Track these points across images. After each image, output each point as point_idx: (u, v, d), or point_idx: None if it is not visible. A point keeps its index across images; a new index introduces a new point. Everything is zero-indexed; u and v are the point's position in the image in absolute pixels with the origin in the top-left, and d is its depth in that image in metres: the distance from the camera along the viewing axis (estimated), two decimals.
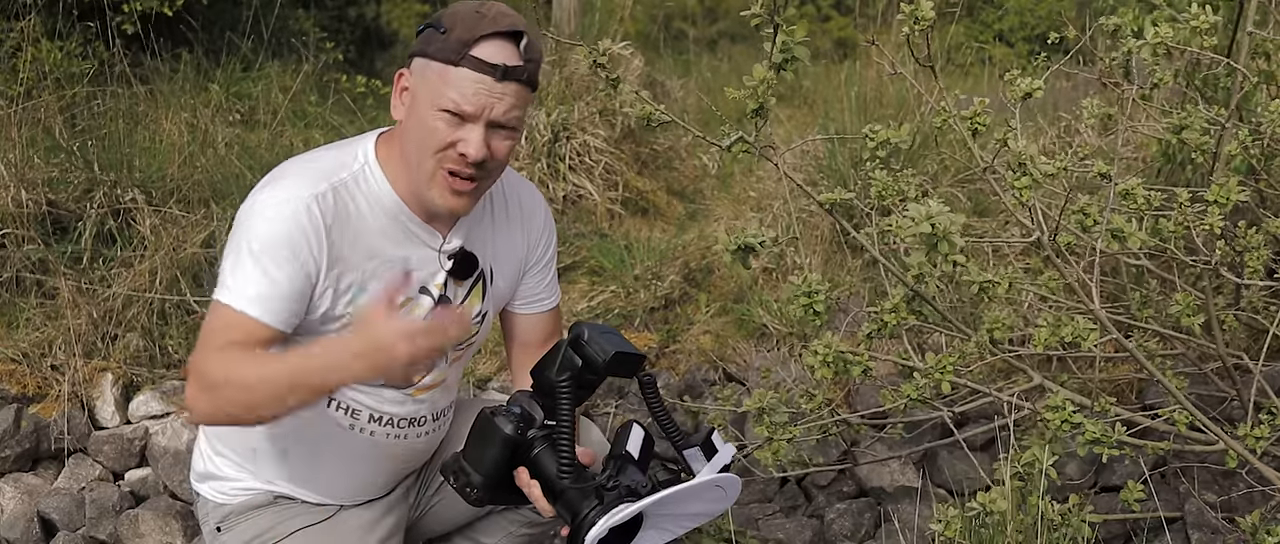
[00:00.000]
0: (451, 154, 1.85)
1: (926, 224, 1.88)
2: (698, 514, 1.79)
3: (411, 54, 1.91)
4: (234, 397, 1.78)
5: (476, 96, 1.82)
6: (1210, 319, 2.50)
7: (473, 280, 2.02)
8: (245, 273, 1.82)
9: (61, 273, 3.37)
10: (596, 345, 1.77)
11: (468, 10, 1.85)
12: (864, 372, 2.35)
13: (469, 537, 2.36)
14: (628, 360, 1.79)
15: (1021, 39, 6.65)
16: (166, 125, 4.05)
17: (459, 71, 1.82)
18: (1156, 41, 2.25)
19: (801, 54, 2.19)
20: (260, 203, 1.85)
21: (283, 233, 1.82)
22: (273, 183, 1.89)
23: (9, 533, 2.95)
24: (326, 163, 1.91)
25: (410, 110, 1.87)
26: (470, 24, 1.83)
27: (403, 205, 1.92)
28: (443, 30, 1.83)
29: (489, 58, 1.82)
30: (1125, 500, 2.50)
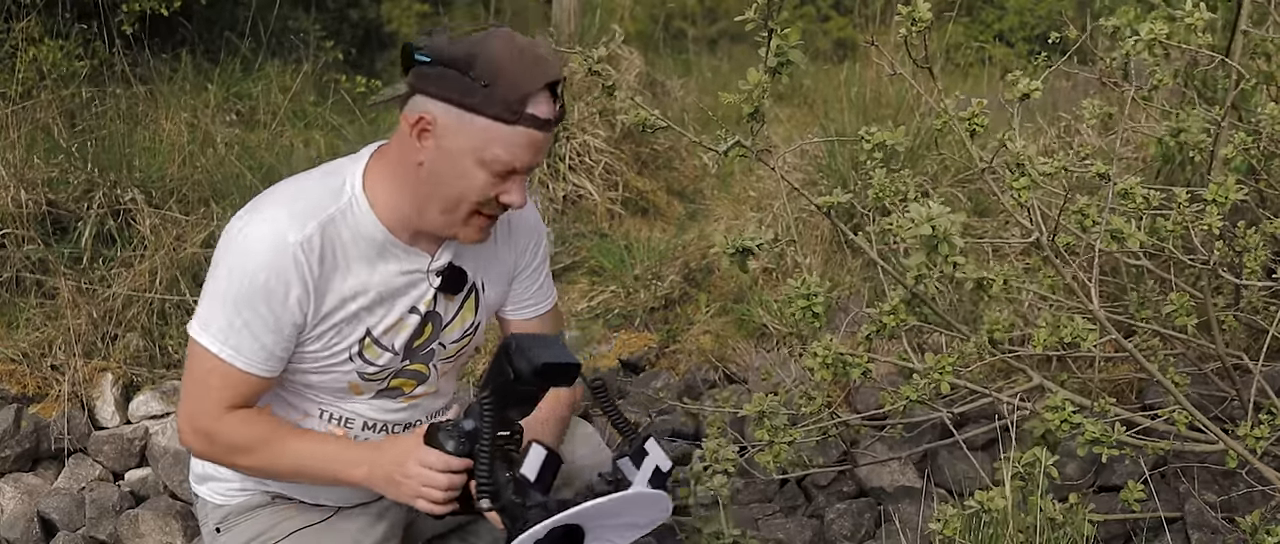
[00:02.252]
0: (492, 203, 1.83)
1: (927, 225, 1.88)
2: (639, 524, 1.78)
3: (430, 94, 1.79)
4: (236, 460, 1.91)
5: (529, 153, 1.79)
6: (1209, 319, 2.50)
7: (464, 294, 2.01)
8: (231, 322, 1.83)
9: (61, 273, 3.38)
10: (522, 357, 1.72)
11: (506, 56, 1.75)
12: (864, 373, 2.35)
13: (464, 538, 2.36)
14: (558, 370, 1.75)
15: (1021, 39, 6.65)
16: (166, 125, 4.05)
17: (514, 131, 1.76)
18: (1151, 38, 2.25)
19: (796, 58, 2.19)
20: (246, 245, 1.81)
21: (269, 285, 1.80)
22: (259, 216, 1.84)
23: (9, 533, 2.95)
24: (314, 196, 1.86)
25: (438, 157, 1.80)
26: (517, 76, 1.75)
27: (390, 235, 1.89)
28: (484, 82, 1.73)
29: (543, 114, 1.77)
30: (1125, 500, 2.50)
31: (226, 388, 1.86)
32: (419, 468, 1.79)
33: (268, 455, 1.89)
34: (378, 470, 1.84)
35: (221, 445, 1.90)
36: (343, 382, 1.98)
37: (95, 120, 3.97)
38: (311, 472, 1.91)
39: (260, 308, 1.81)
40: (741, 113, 2.30)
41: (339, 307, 1.88)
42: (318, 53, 5.15)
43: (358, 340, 1.93)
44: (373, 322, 1.93)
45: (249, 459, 1.91)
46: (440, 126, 1.78)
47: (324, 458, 1.88)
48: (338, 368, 1.95)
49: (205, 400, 1.88)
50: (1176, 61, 3.22)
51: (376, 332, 1.94)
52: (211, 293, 1.85)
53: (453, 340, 2.04)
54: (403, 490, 1.82)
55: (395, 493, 1.83)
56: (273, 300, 1.82)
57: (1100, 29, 2.52)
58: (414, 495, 1.81)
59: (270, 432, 1.89)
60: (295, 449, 1.89)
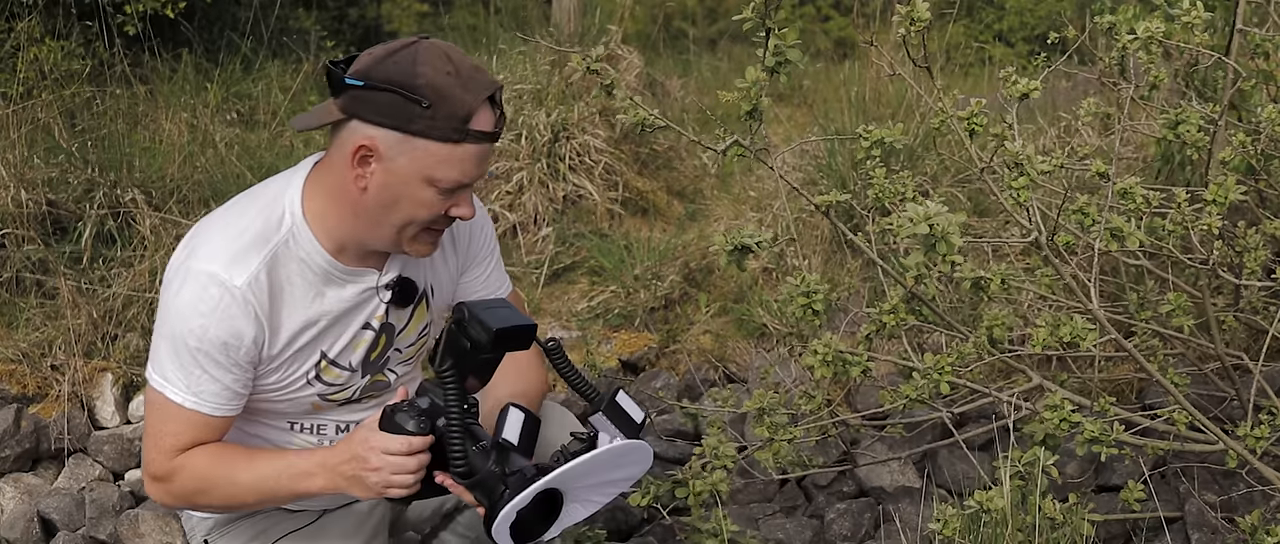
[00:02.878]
0: (442, 219, 1.83)
1: (924, 224, 1.88)
2: (618, 480, 1.75)
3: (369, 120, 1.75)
4: (199, 502, 1.91)
5: (476, 167, 1.79)
6: (1209, 319, 2.50)
7: (414, 303, 2.00)
8: (186, 370, 1.81)
9: (61, 273, 3.38)
10: (477, 325, 1.70)
11: (443, 76, 1.73)
12: (863, 372, 2.35)
13: (457, 532, 2.36)
14: (515, 334, 1.72)
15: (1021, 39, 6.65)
16: (166, 125, 4.05)
17: (461, 150, 1.75)
18: (1147, 36, 2.25)
19: (794, 57, 2.19)
20: (194, 300, 1.78)
21: (221, 333, 1.79)
22: (201, 264, 1.80)
23: (9, 533, 2.95)
24: (254, 230, 1.82)
25: (384, 181, 1.77)
26: (458, 95, 1.73)
27: (333, 261, 1.86)
28: (425, 104, 1.71)
29: (486, 127, 1.77)
30: (1125, 500, 2.50)
31: (190, 432, 1.85)
32: (384, 457, 1.74)
33: (225, 492, 1.86)
34: (335, 474, 1.80)
35: (180, 492, 1.88)
36: (305, 403, 1.97)
37: (95, 120, 3.97)
38: (272, 495, 1.88)
39: (217, 357, 1.80)
40: (740, 112, 2.30)
41: (293, 338, 1.87)
42: (318, 53, 5.15)
43: (314, 365, 1.92)
44: (327, 345, 1.91)
45: (210, 499, 1.88)
46: (383, 152, 1.75)
47: (275, 479, 1.85)
48: (298, 393, 1.94)
49: (163, 447, 1.86)
50: (1176, 62, 3.22)
51: (332, 353, 1.92)
52: (166, 346, 1.82)
53: (408, 345, 2.03)
54: (370, 485, 1.77)
55: (361, 490, 1.79)
56: (229, 350, 1.81)
57: (1098, 28, 2.52)
58: (385, 486, 1.76)
59: (220, 469, 1.86)
60: (247, 480, 1.85)
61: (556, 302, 3.80)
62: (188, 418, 1.83)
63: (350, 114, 1.76)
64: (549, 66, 4.36)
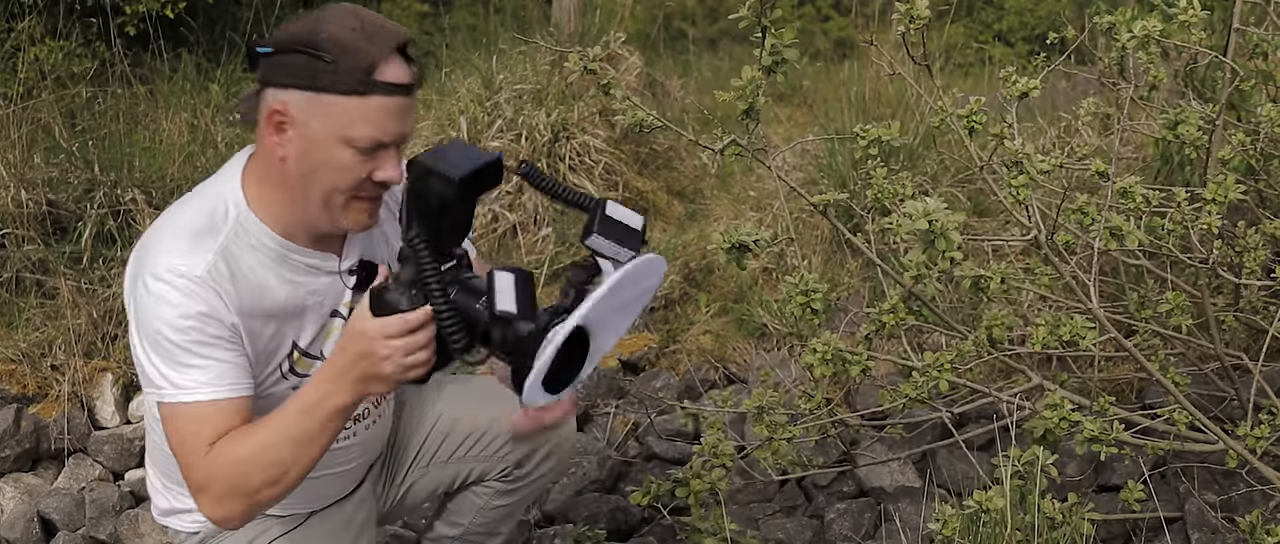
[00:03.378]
0: (367, 184, 1.76)
1: (924, 220, 1.88)
2: (639, 296, 1.62)
3: (278, 84, 1.73)
4: (250, 489, 1.73)
5: (392, 123, 1.72)
6: (1208, 319, 2.50)
7: None
8: (180, 365, 1.73)
9: (61, 273, 3.38)
10: (440, 176, 1.55)
11: (343, 30, 1.69)
12: (863, 371, 2.35)
13: (449, 521, 2.35)
14: (483, 174, 1.58)
15: (1021, 39, 6.65)
16: (166, 125, 4.06)
17: (370, 102, 1.69)
18: (1145, 34, 2.25)
19: (791, 56, 2.19)
20: (156, 292, 1.73)
21: (197, 311, 1.72)
22: (156, 271, 1.74)
23: (9, 533, 2.95)
24: (200, 222, 1.78)
25: (301, 146, 1.73)
26: (360, 47, 1.68)
27: (287, 243, 1.82)
28: (329, 59, 1.67)
29: (395, 78, 1.70)
30: (1125, 500, 2.50)
31: (210, 426, 1.75)
32: (389, 343, 1.63)
33: (266, 463, 1.73)
34: (350, 380, 1.68)
35: (225, 489, 1.73)
36: (281, 400, 1.88)
37: (95, 120, 3.97)
38: (307, 436, 1.72)
39: (202, 337, 1.74)
40: (737, 111, 2.30)
41: (261, 328, 1.82)
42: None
43: (286, 356, 1.88)
44: (297, 334, 1.87)
45: (255, 480, 1.73)
46: (295, 115, 1.72)
47: (300, 417, 1.72)
48: (274, 389, 1.89)
49: (193, 451, 1.75)
50: (1175, 62, 3.22)
51: (303, 343, 1.89)
52: (150, 356, 1.75)
53: None
54: (387, 376, 1.65)
55: (383, 386, 1.68)
56: (210, 324, 1.74)
57: (1098, 28, 2.52)
58: (404, 371, 1.64)
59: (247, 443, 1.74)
60: (276, 437, 1.73)
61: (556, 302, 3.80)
62: (203, 413, 1.74)
63: (264, 83, 1.75)
64: (549, 66, 4.36)
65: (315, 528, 2.08)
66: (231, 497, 1.74)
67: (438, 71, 4.68)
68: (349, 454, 2.07)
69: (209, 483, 1.74)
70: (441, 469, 2.28)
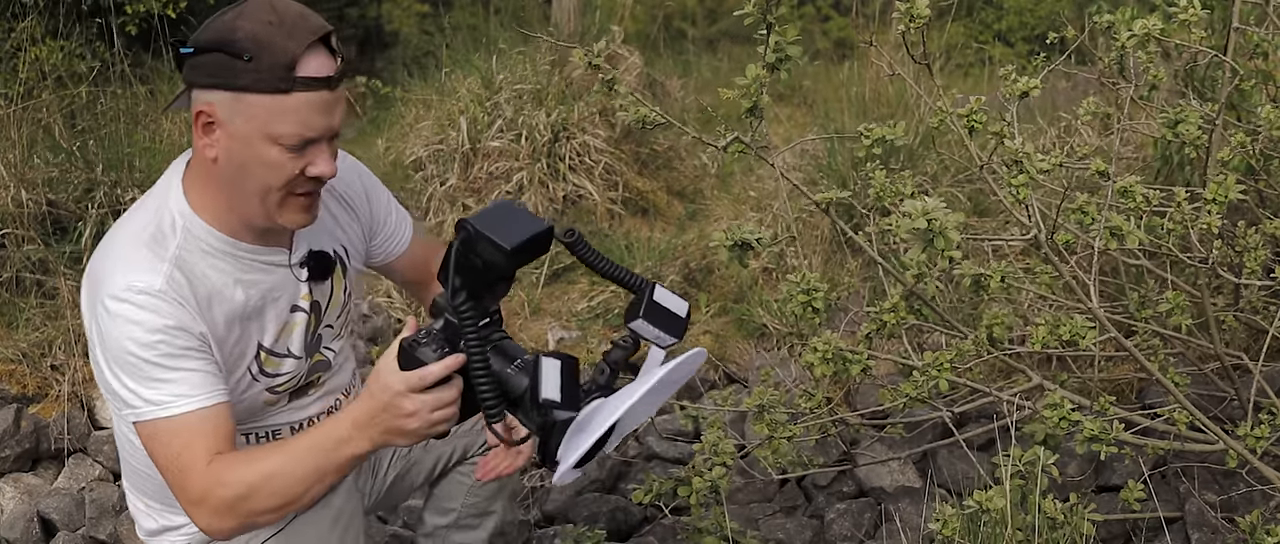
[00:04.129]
0: (300, 180, 1.73)
1: (923, 219, 1.88)
2: (673, 385, 1.61)
3: (202, 85, 1.70)
4: (250, 510, 1.72)
5: (318, 118, 1.69)
6: (1208, 319, 2.50)
7: (331, 273, 1.95)
8: (152, 382, 1.70)
9: (61, 273, 3.38)
10: (489, 244, 1.51)
11: (260, 24, 1.65)
12: (863, 370, 2.35)
13: (438, 509, 2.33)
14: (535, 243, 1.54)
15: (1021, 39, 6.65)
16: (166, 125, 4.06)
17: (291, 99, 1.66)
18: (1144, 32, 2.25)
19: (795, 53, 2.19)
20: (118, 313, 1.69)
21: (162, 332, 1.69)
22: (110, 281, 1.71)
23: (9, 533, 2.95)
24: (147, 235, 1.75)
25: (230, 146, 1.70)
26: (278, 43, 1.65)
27: (235, 242, 1.80)
28: (247, 57, 1.64)
29: (317, 73, 1.67)
30: (1125, 500, 2.50)
31: (197, 438, 1.72)
32: (417, 398, 1.60)
33: (273, 489, 1.71)
34: (372, 431, 1.66)
35: (222, 505, 1.71)
36: (257, 402, 1.91)
37: (96, 120, 3.97)
38: (319, 472, 1.72)
39: (170, 350, 1.71)
40: (741, 110, 2.30)
41: (226, 333, 1.80)
42: None
43: (253, 358, 1.86)
44: (260, 334, 1.85)
45: (258, 502, 1.72)
46: (221, 115, 1.69)
47: (315, 452, 1.71)
48: (247, 392, 1.88)
49: (183, 468, 1.72)
50: (1175, 62, 3.22)
51: (268, 342, 1.87)
52: (121, 378, 1.72)
53: (336, 318, 1.98)
54: (413, 432, 1.63)
55: (406, 439, 1.65)
56: (177, 336, 1.71)
57: (1098, 27, 2.52)
58: (429, 428, 1.62)
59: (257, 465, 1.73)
60: (287, 464, 1.72)
61: (556, 302, 3.80)
62: (189, 425, 1.71)
63: (190, 83, 1.72)
64: (549, 66, 4.36)
65: (301, 527, 2.04)
66: (229, 515, 1.72)
67: (438, 71, 4.68)
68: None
69: (206, 497, 1.71)
70: (422, 452, 2.26)
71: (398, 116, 4.63)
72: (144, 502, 2.02)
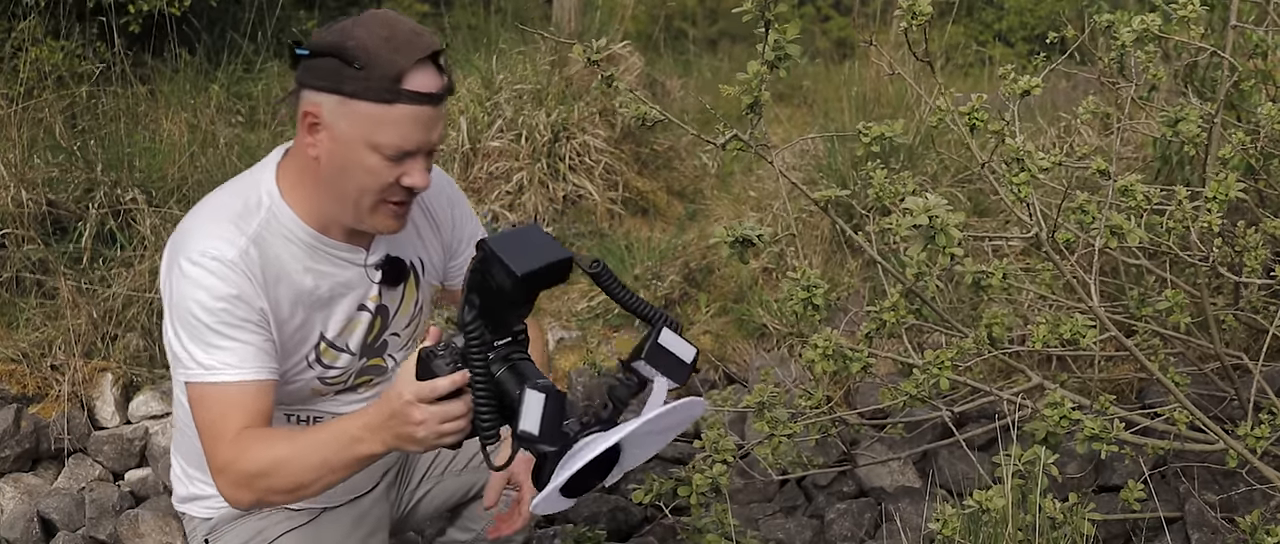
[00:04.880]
0: (395, 188, 1.80)
1: (924, 216, 1.88)
2: (672, 428, 1.62)
3: (312, 87, 1.77)
4: (267, 488, 1.78)
5: (418, 132, 1.76)
6: (1208, 319, 2.50)
7: (404, 281, 2.00)
8: (208, 346, 1.79)
9: (61, 273, 3.38)
10: (503, 269, 1.50)
11: (374, 36, 1.73)
12: (864, 368, 2.35)
13: (462, 526, 2.36)
14: (551, 271, 1.53)
15: (1021, 39, 6.65)
16: (166, 125, 4.06)
17: (395, 110, 1.73)
18: (1143, 29, 2.25)
19: (794, 52, 2.19)
20: (195, 283, 1.78)
21: (227, 293, 1.78)
22: (190, 251, 1.80)
23: (9, 533, 2.95)
24: (234, 209, 1.84)
25: (332, 148, 1.78)
26: (388, 55, 1.72)
27: (318, 235, 1.87)
28: (357, 65, 1.71)
29: (423, 88, 1.74)
30: (1125, 500, 2.50)
31: (236, 410, 1.80)
32: (426, 408, 1.63)
33: (289, 473, 1.77)
34: (384, 435, 1.70)
35: (242, 476, 1.78)
36: (305, 389, 1.97)
37: (96, 120, 3.97)
38: (330, 466, 1.76)
39: (231, 319, 1.79)
40: (741, 107, 2.29)
41: (289, 316, 1.87)
42: None
43: (314, 346, 1.92)
44: (324, 325, 1.91)
45: (274, 482, 1.78)
46: (327, 118, 1.76)
47: (329, 446, 1.76)
48: (299, 376, 1.94)
49: (217, 434, 1.79)
50: (1175, 63, 3.22)
51: (330, 334, 1.92)
52: (181, 335, 1.80)
53: (403, 327, 2.03)
54: (421, 440, 1.66)
55: (415, 446, 1.69)
56: (239, 306, 1.79)
57: (1098, 27, 2.52)
58: (437, 438, 1.65)
59: (276, 447, 1.79)
60: (302, 452, 1.77)
61: (556, 301, 3.80)
62: (229, 395, 1.78)
63: (300, 84, 1.79)
64: (549, 66, 4.36)
65: (327, 522, 2.10)
66: (247, 488, 1.79)
67: None
68: None
69: (229, 467, 1.78)
70: (456, 478, 2.30)
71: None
72: (183, 467, 2.10)
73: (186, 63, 4.54)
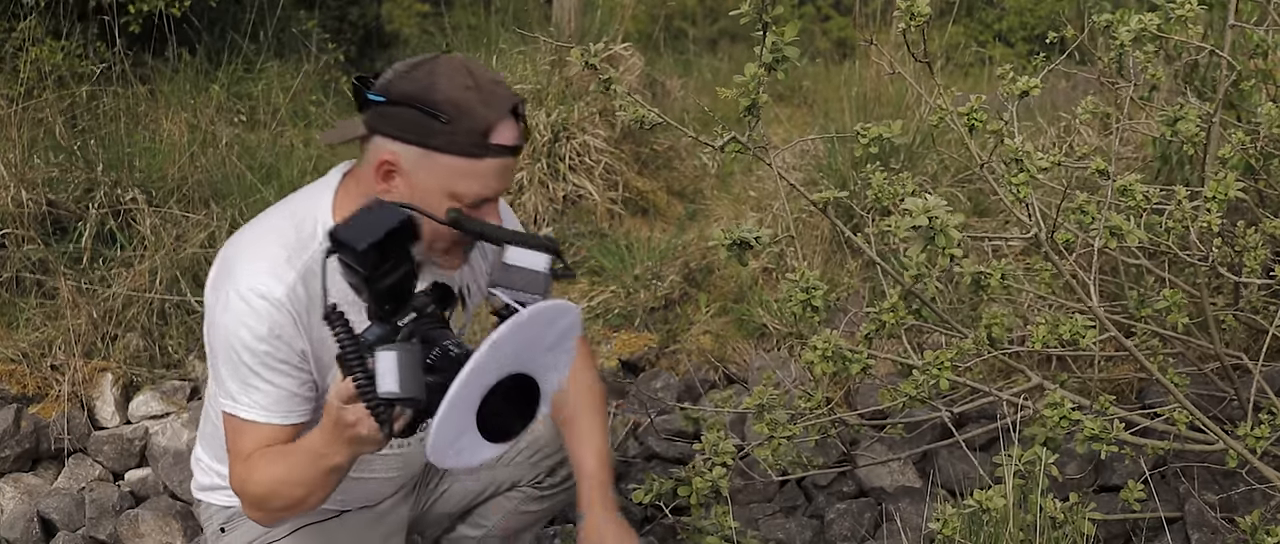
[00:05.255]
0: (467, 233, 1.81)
1: (924, 217, 1.88)
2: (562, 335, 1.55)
3: (390, 136, 1.76)
4: (274, 507, 1.87)
5: (498, 181, 1.79)
6: (1208, 319, 2.50)
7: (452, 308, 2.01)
8: (245, 383, 1.83)
9: (61, 273, 3.38)
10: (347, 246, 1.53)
11: (458, 88, 1.73)
12: (863, 369, 2.35)
13: (473, 522, 2.37)
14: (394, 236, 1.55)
15: (1021, 39, 6.65)
16: (167, 125, 4.06)
17: (481, 164, 1.75)
18: (1141, 28, 2.25)
19: (792, 54, 2.18)
20: (238, 317, 1.80)
21: (270, 338, 1.80)
22: (239, 282, 1.81)
23: (9, 533, 2.95)
24: (288, 238, 1.84)
25: (409, 198, 1.77)
26: (478, 109, 1.73)
27: None
28: (445, 119, 1.72)
29: (508, 141, 1.76)
30: (1125, 500, 2.50)
31: (260, 444, 1.86)
32: (355, 408, 1.63)
33: (287, 492, 1.82)
34: (340, 445, 1.71)
35: (253, 498, 1.86)
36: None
37: (96, 120, 3.97)
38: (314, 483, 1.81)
39: (271, 362, 1.82)
40: (739, 109, 2.29)
41: (328, 349, 1.82)
42: (319, 53, 5.15)
43: None
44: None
45: (279, 502, 1.85)
46: (405, 167, 1.76)
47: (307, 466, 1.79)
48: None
49: (239, 456, 1.87)
50: (1176, 64, 3.22)
51: None
52: (222, 365, 1.84)
53: None
54: (367, 438, 1.66)
55: (370, 446, 1.70)
56: (279, 351, 1.81)
57: (1097, 27, 2.52)
58: (374, 434, 1.63)
59: (272, 468, 1.84)
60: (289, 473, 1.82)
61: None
62: (256, 432, 1.84)
63: (373, 130, 1.78)
64: (549, 66, 4.36)
65: (347, 520, 2.12)
66: (258, 508, 1.88)
67: None
68: (389, 464, 2.11)
69: (242, 491, 1.88)
70: (475, 477, 2.31)
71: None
72: (209, 459, 2.12)
73: (187, 63, 4.54)
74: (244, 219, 3.67)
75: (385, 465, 2.11)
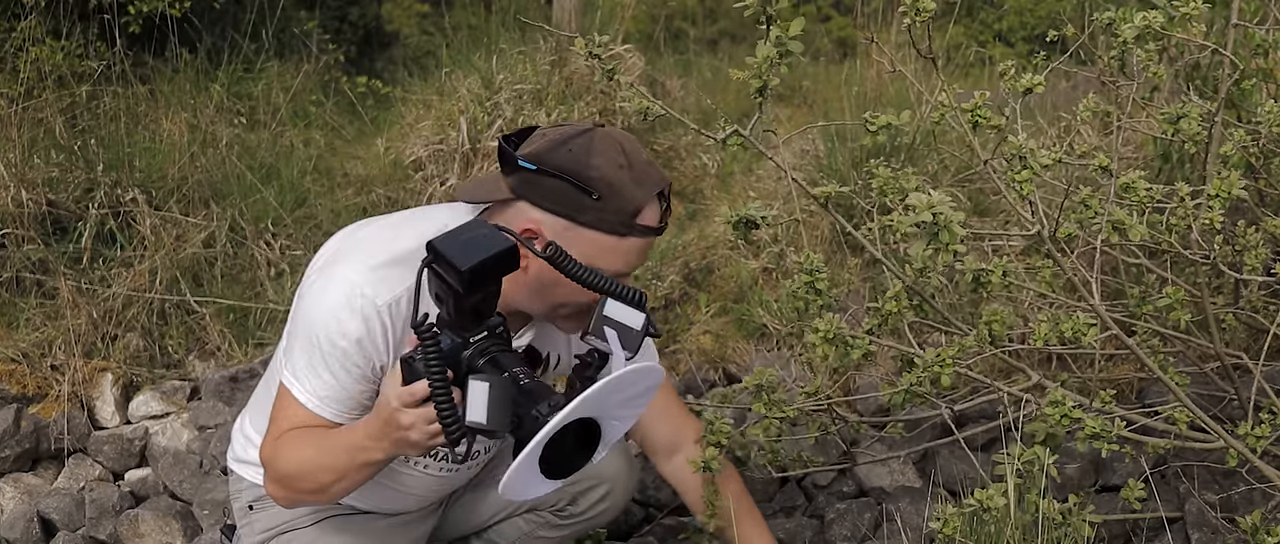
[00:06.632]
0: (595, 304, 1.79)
1: (928, 213, 1.88)
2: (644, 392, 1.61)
3: (537, 204, 1.76)
4: (297, 489, 1.88)
5: (638, 259, 1.81)
6: (1208, 318, 2.50)
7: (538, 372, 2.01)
8: (315, 369, 1.82)
9: (61, 273, 3.38)
10: (448, 262, 1.54)
11: (613, 169, 1.73)
12: (865, 355, 2.34)
13: (487, 538, 2.37)
14: (495, 262, 1.56)
15: (1021, 39, 6.65)
16: (167, 125, 4.06)
17: (626, 243, 1.77)
18: (1144, 25, 2.25)
19: (796, 48, 2.17)
20: (334, 307, 1.79)
21: (353, 343, 1.79)
22: (346, 274, 1.81)
23: (9, 533, 2.95)
24: (407, 252, 1.79)
25: (547, 265, 1.73)
26: (628, 190, 1.74)
27: None
28: (596, 197, 1.73)
29: (652, 223, 1.79)
30: (1126, 499, 2.49)
31: (298, 422, 1.86)
32: (410, 412, 1.67)
33: (313, 476, 1.84)
34: (383, 442, 1.74)
35: (276, 474, 1.88)
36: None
37: (96, 120, 3.97)
38: (345, 472, 1.83)
39: (346, 363, 1.81)
40: (744, 101, 2.29)
41: None
42: (319, 53, 5.15)
43: None
44: None
45: (303, 484, 1.86)
46: (548, 236, 1.75)
47: (341, 454, 1.81)
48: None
49: (275, 433, 1.88)
50: (1177, 63, 3.22)
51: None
52: (300, 343, 1.84)
53: None
54: (415, 443, 1.70)
55: (413, 449, 1.73)
56: (358, 358, 1.81)
57: (1098, 26, 2.51)
58: (429, 438, 1.68)
59: (303, 450, 1.85)
60: (321, 458, 1.83)
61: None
62: (305, 416, 1.85)
63: (519, 195, 1.78)
64: (549, 66, 4.36)
65: (370, 521, 2.13)
66: (282, 486, 1.89)
67: (438, 71, 4.68)
68: (428, 485, 2.12)
69: (269, 464, 1.89)
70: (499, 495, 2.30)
71: (398, 116, 4.63)
72: (253, 430, 2.11)
73: (187, 63, 4.54)
74: (244, 219, 3.68)
75: (424, 486, 2.11)
